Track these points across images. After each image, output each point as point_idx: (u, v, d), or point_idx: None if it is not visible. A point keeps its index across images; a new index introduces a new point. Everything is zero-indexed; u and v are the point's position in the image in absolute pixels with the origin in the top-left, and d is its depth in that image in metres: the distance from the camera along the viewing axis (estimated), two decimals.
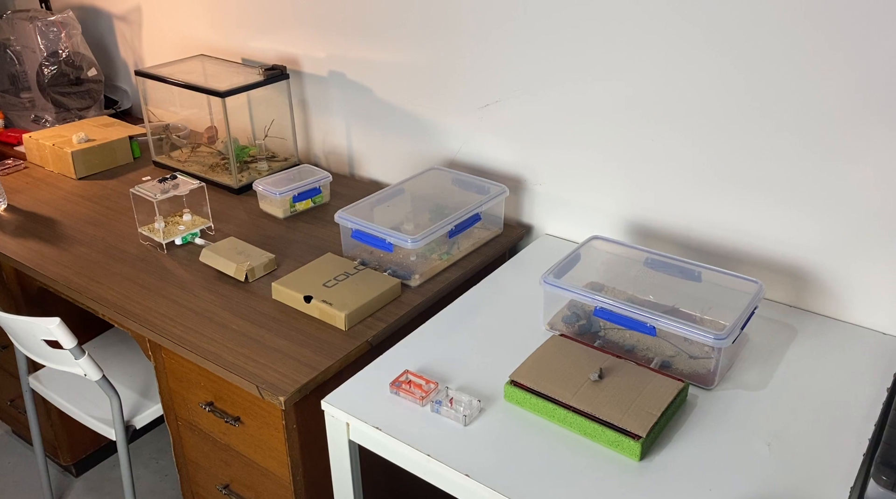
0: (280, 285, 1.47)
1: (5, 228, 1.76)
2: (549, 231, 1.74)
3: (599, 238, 1.44)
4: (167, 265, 1.60)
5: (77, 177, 2.00)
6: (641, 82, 1.47)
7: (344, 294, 1.43)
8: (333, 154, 2.08)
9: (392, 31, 1.79)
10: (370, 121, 1.95)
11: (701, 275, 1.34)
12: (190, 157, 2.10)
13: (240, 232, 1.74)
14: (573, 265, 1.39)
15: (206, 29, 2.18)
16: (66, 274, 1.57)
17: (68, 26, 2.23)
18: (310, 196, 1.84)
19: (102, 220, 1.79)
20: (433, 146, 1.86)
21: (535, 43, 1.58)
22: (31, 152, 2.10)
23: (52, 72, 2.20)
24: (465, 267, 1.58)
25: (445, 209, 1.65)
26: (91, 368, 1.51)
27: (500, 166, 1.76)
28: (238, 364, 1.30)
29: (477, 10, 1.63)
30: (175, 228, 1.70)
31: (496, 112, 1.70)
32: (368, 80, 1.90)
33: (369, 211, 1.63)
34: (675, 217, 1.53)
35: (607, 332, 1.32)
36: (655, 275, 1.38)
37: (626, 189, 1.58)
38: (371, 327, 1.39)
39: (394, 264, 1.54)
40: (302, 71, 2.02)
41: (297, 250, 1.66)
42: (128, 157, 2.10)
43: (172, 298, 1.49)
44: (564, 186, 1.67)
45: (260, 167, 2.02)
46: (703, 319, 1.34)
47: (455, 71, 1.73)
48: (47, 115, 2.26)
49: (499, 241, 1.69)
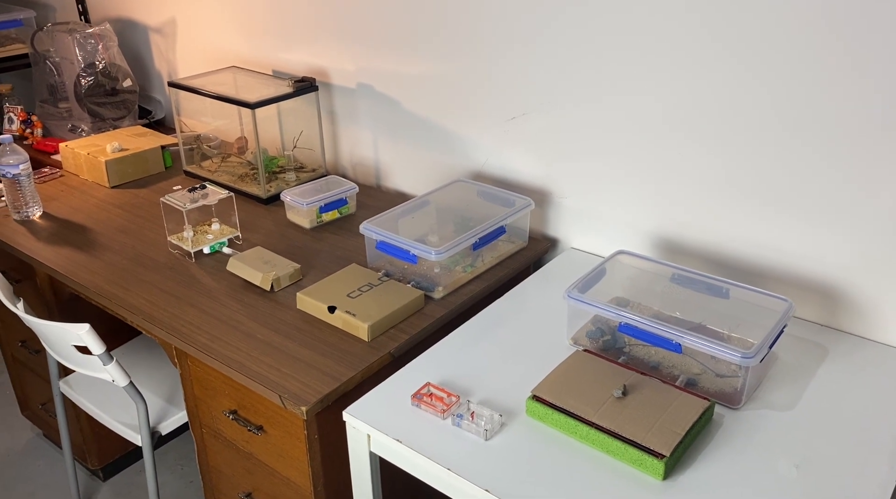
0: (305, 295, 1.48)
1: (40, 234, 1.80)
2: (575, 245, 1.73)
3: (625, 253, 1.43)
4: (195, 274, 1.62)
5: (110, 185, 2.04)
6: (669, 96, 1.46)
7: (367, 305, 1.43)
8: (360, 165, 2.10)
9: (420, 45, 1.80)
10: (397, 132, 1.96)
11: (729, 292, 1.32)
12: (220, 167, 2.13)
13: (267, 242, 1.75)
14: (598, 280, 1.37)
15: (239, 41, 2.22)
16: (97, 281, 1.60)
17: (105, 38, 2.28)
18: (336, 207, 1.85)
19: (133, 228, 1.83)
20: (459, 158, 1.86)
21: (561, 56, 1.58)
22: (66, 161, 2.15)
23: (88, 83, 2.26)
24: (488, 280, 1.58)
25: (470, 221, 1.65)
26: (119, 375, 1.54)
27: (525, 179, 1.75)
28: (261, 373, 1.31)
29: (504, 24, 1.63)
30: (203, 236, 1.72)
31: (522, 125, 1.70)
32: (396, 93, 1.91)
33: (394, 222, 1.63)
34: (703, 232, 1.51)
35: (632, 348, 1.31)
36: (682, 291, 1.36)
37: (652, 204, 1.56)
38: (394, 339, 1.39)
39: (418, 276, 1.54)
40: (331, 83, 2.05)
41: (323, 261, 1.67)
42: (159, 166, 2.14)
43: (199, 306, 1.51)
44: (590, 199, 1.66)
45: (288, 178, 2.04)
46: (730, 336, 1.32)
47: (482, 84, 1.73)
48: (83, 125, 2.31)
49: (523, 254, 1.68)
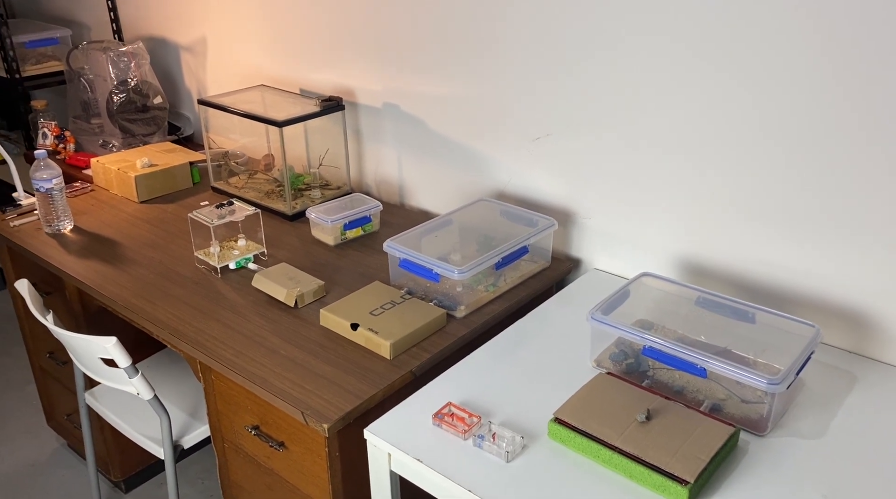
0: (328, 312, 1.49)
1: (70, 248, 1.83)
2: (598, 266, 1.72)
3: (649, 275, 1.42)
4: (220, 289, 1.64)
5: (139, 200, 2.08)
6: (693, 118, 1.45)
7: (390, 323, 1.44)
8: (384, 183, 2.11)
9: (446, 66, 1.82)
10: (421, 151, 1.98)
11: (755, 316, 1.30)
12: (247, 183, 2.16)
13: (292, 258, 1.77)
14: (622, 302, 1.37)
15: (268, 60, 2.25)
16: (125, 295, 1.63)
17: (138, 56, 2.33)
18: (360, 224, 1.86)
19: (161, 242, 1.85)
20: (482, 177, 1.87)
21: (586, 78, 1.58)
22: (97, 176, 2.19)
23: (120, 99, 2.31)
24: (511, 300, 1.58)
25: (493, 241, 1.66)
26: (144, 388, 1.56)
27: (548, 199, 1.75)
28: (284, 389, 1.31)
29: (529, 46, 1.64)
30: (230, 252, 1.74)
31: (546, 145, 1.70)
32: (421, 112, 1.93)
33: (417, 241, 1.64)
34: (728, 255, 1.50)
35: (656, 372, 1.30)
36: (707, 315, 1.35)
37: (677, 225, 1.55)
38: (415, 357, 1.39)
39: (440, 295, 1.54)
40: (357, 102, 2.07)
41: (346, 277, 1.68)
42: (188, 182, 2.18)
43: (224, 321, 1.52)
44: (614, 220, 1.65)
45: (313, 195, 2.06)
46: (756, 362, 1.30)
47: (506, 104, 1.74)
48: (114, 141, 2.36)
49: (546, 274, 1.68)
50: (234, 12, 2.28)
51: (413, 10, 1.83)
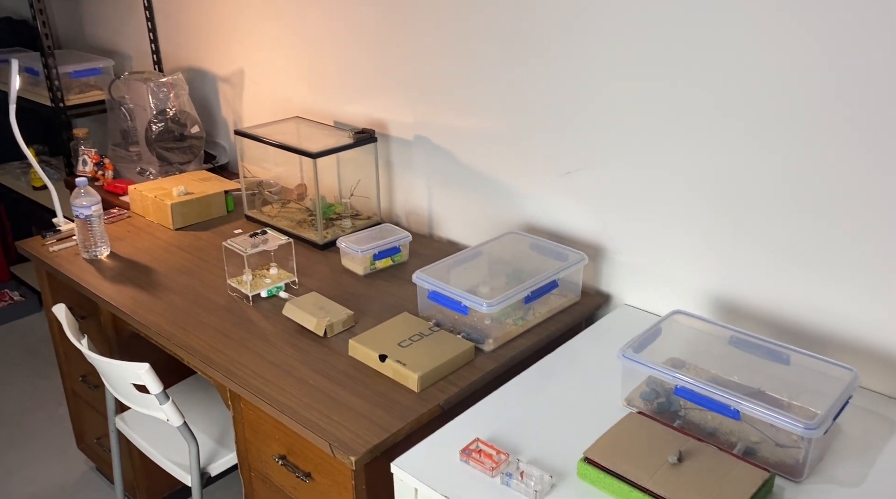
0: (357, 343, 1.49)
1: (106, 273, 1.87)
2: (629, 301, 1.71)
3: (682, 312, 1.40)
4: (252, 317, 1.66)
5: (174, 227, 2.12)
6: (730, 155, 1.45)
7: (418, 355, 1.44)
8: (414, 214, 2.13)
9: (477, 100, 1.84)
10: (451, 183, 1.99)
11: (790, 358, 1.28)
12: (280, 212, 2.19)
13: (322, 287, 1.78)
14: (653, 339, 1.35)
15: (303, 93, 2.30)
16: (158, 321, 1.65)
17: (177, 87, 2.39)
18: (389, 255, 1.88)
19: (194, 270, 1.88)
20: (512, 210, 1.87)
21: (618, 113, 1.59)
22: (134, 203, 2.24)
23: (159, 128, 2.36)
24: (540, 334, 1.57)
25: (522, 274, 1.65)
26: (174, 414, 1.57)
27: (579, 233, 1.75)
28: (312, 420, 1.32)
29: (562, 82, 1.66)
30: (262, 280, 1.76)
31: (578, 179, 1.71)
32: (452, 145, 1.95)
33: (446, 272, 1.64)
34: (763, 294, 1.48)
35: (688, 412, 1.28)
36: (740, 355, 1.33)
37: (710, 263, 1.54)
38: (443, 391, 1.39)
39: (468, 327, 1.54)
40: (389, 134, 2.10)
41: (375, 308, 1.69)
42: (222, 210, 2.21)
43: (255, 349, 1.54)
44: (646, 256, 1.64)
45: (344, 225, 2.08)
46: (791, 405, 1.27)
47: (538, 138, 1.75)
48: (151, 168, 2.41)
49: (576, 309, 1.67)
50: (271, 46, 2.34)
51: (445, 46, 1.86)
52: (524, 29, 1.68)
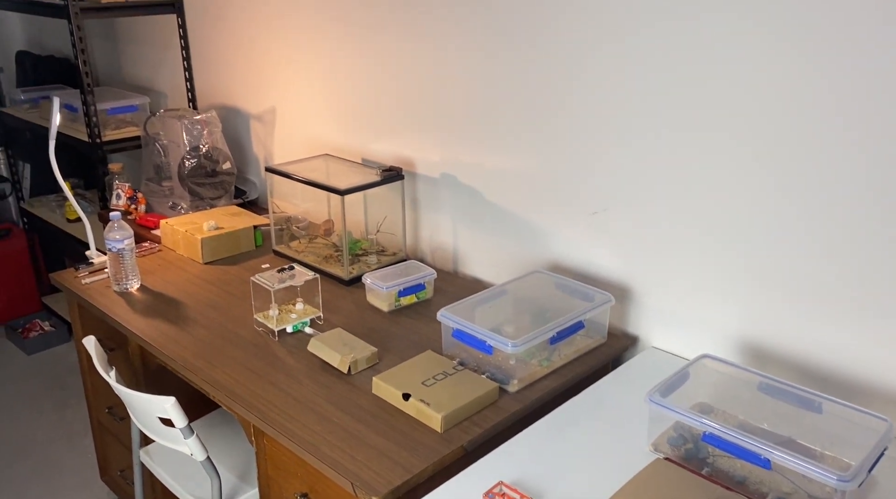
0: (380, 380, 1.49)
1: (136, 306, 1.90)
2: (656, 344, 1.69)
3: (710, 357, 1.38)
4: (277, 352, 1.67)
5: (203, 261, 2.15)
6: (758, 196, 1.44)
7: (441, 395, 1.43)
8: (439, 250, 2.14)
9: (504, 139, 1.86)
10: (477, 221, 2.00)
11: (821, 406, 1.25)
12: (307, 247, 2.21)
13: (346, 323, 1.79)
14: (681, 384, 1.33)
15: (332, 131, 2.34)
16: (185, 354, 1.67)
17: (210, 124, 2.45)
18: (414, 291, 1.88)
19: (222, 304, 1.91)
20: (538, 249, 1.87)
21: (646, 154, 1.59)
22: (165, 236, 2.28)
23: (192, 164, 2.42)
24: (565, 376, 1.55)
25: (547, 314, 1.65)
26: (198, 449, 1.57)
27: (605, 273, 1.74)
28: (335, 458, 1.31)
29: (589, 121, 1.67)
30: (287, 316, 1.77)
31: (605, 219, 1.71)
32: (478, 183, 1.96)
33: (471, 311, 1.64)
34: (793, 339, 1.45)
35: (716, 459, 1.25)
36: (770, 401, 1.30)
37: (739, 306, 1.52)
38: (467, 432, 1.38)
39: (493, 367, 1.53)
40: (416, 172, 2.12)
41: (399, 345, 1.69)
42: (251, 245, 2.24)
43: (279, 384, 1.54)
44: (673, 298, 1.63)
45: (370, 261, 2.10)
46: (823, 455, 1.24)
47: (564, 178, 1.76)
48: (183, 203, 2.46)
49: (602, 350, 1.65)
50: (303, 85, 2.39)
51: (472, 85, 1.88)
52: (552, 69, 1.70)
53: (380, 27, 2.07)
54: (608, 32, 1.58)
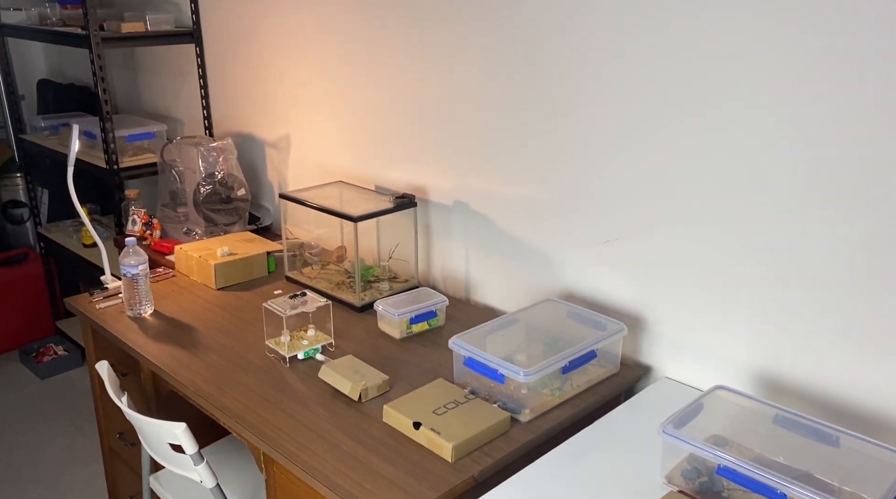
0: (391, 409, 1.48)
1: (149, 331, 1.91)
2: (669, 374, 1.67)
3: (724, 388, 1.37)
4: (288, 379, 1.67)
5: (216, 287, 2.16)
6: (777, 227, 1.43)
7: (453, 424, 1.42)
8: (451, 278, 2.14)
9: (517, 167, 1.87)
10: (489, 248, 2.00)
11: (839, 440, 1.23)
12: (319, 274, 2.22)
13: (358, 350, 1.79)
14: (695, 415, 1.31)
15: (346, 158, 2.36)
16: (196, 381, 1.67)
17: (226, 151, 2.48)
18: (426, 319, 1.88)
19: (234, 330, 1.91)
20: (550, 277, 1.87)
21: (659, 183, 1.59)
22: (179, 262, 2.30)
23: (207, 190, 2.44)
24: (577, 406, 1.54)
25: (560, 342, 1.64)
26: (207, 476, 1.57)
27: (618, 302, 1.73)
28: (345, 487, 1.30)
29: (601, 149, 1.67)
30: (299, 342, 1.78)
31: (617, 248, 1.70)
32: (490, 211, 1.97)
33: (483, 339, 1.64)
34: (809, 371, 1.43)
35: (731, 493, 1.23)
36: (786, 434, 1.28)
37: (755, 336, 1.50)
38: (478, 462, 1.36)
39: (504, 396, 1.52)
40: (429, 199, 2.13)
41: (411, 373, 1.68)
42: (263, 271, 2.26)
43: (289, 411, 1.54)
44: (687, 327, 1.61)
45: (382, 287, 2.10)
46: (842, 490, 1.21)
47: (576, 206, 1.76)
48: (197, 229, 2.48)
49: (615, 380, 1.64)
50: (317, 113, 2.42)
51: (484, 113, 1.90)
52: (564, 97, 1.72)
53: (392, 56, 2.10)
54: (621, 59, 1.59)
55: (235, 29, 2.65)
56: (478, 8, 1.83)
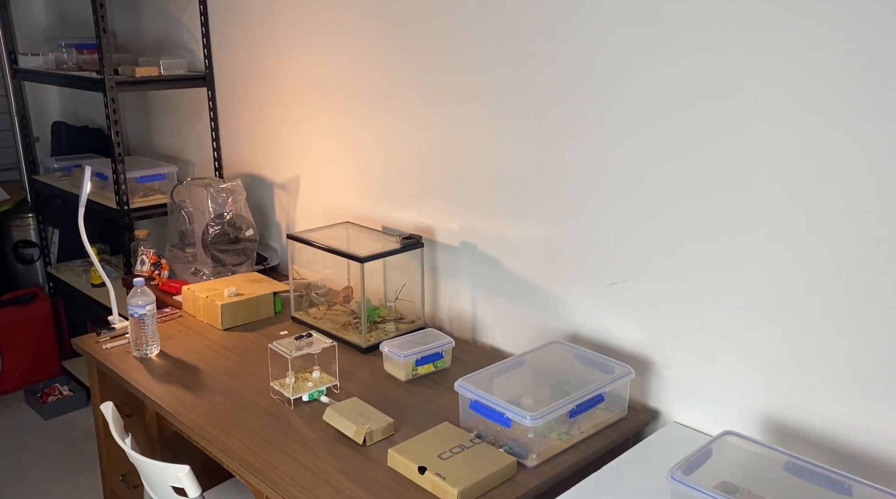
0: (396, 453, 1.47)
1: (154, 372, 1.90)
2: (678, 419, 1.65)
3: (734, 434, 1.35)
4: (292, 421, 1.65)
5: (223, 328, 2.16)
6: (786, 270, 1.43)
7: (458, 468, 1.40)
8: (457, 319, 2.13)
9: (524, 209, 1.88)
10: (495, 290, 2.00)
11: (851, 488, 1.20)
12: (325, 314, 2.22)
13: (363, 392, 1.78)
14: (704, 461, 1.29)
15: (354, 199, 2.39)
16: (200, 422, 1.66)
17: (235, 192, 2.51)
18: (432, 360, 1.87)
19: (239, 371, 1.90)
20: (556, 319, 1.86)
21: (668, 224, 1.60)
22: (186, 302, 2.31)
23: (215, 231, 2.46)
24: (585, 450, 1.52)
25: (567, 386, 1.62)
26: None
27: (625, 345, 1.72)
28: None
29: (606, 192, 1.68)
30: (304, 384, 1.77)
31: (624, 290, 1.70)
32: (497, 252, 1.98)
33: (489, 382, 1.62)
34: (821, 418, 1.41)
35: None
36: (797, 482, 1.26)
37: (764, 381, 1.49)
38: None
39: (510, 440, 1.50)
40: (436, 240, 2.14)
41: (416, 416, 1.67)
42: (270, 311, 2.26)
43: (293, 455, 1.52)
44: (695, 371, 1.60)
45: (388, 328, 2.10)
46: None
47: (582, 248, 1.76)
48: (205, 269, 2.50)
49: (622, 425, 1.62)
50: (325, 155, 2.46)
51: (490, 155, 1.92)
52: (569, 138, 1.73)
53: (398, 99, 2.14)
54: (627, 100, 1.61)
55: (246, 73, 2.71)
56: (487, 52, 1.87)
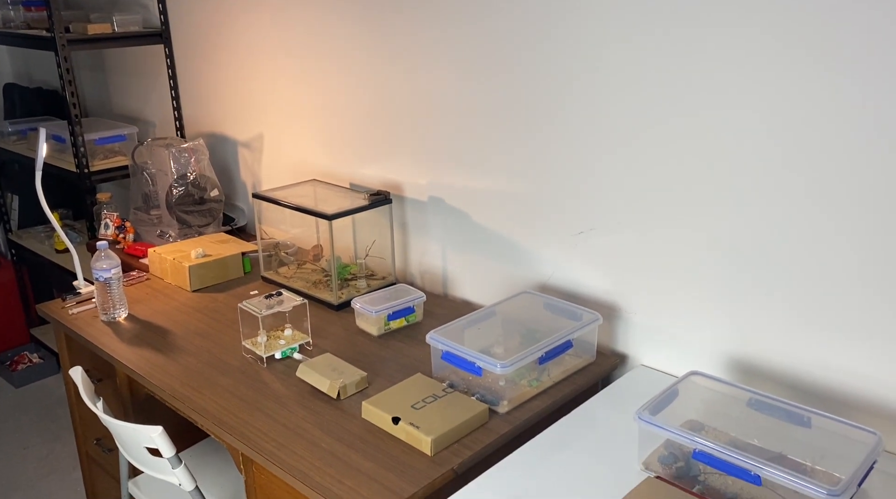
0: (370, 405, 1.48)
1: (123, 336, 1.89)
2: (645, 362, 1.69)
3: (699, 374, 1.38)
4: (265, 379, 1.66)
5: (191, 289, 2.14)
6: (746, 213, 1.45)
7: (431, 418, 1.42)
8: (428, 274, 2.14)
9: (490, 162, 1.87)
10: (465, 243, 2.01)
11: (811, 420, 1.25)
12: (296, 273, 2.21)
13: (336, 348, 1.78)
14: (670, 401, 1.33)
15: (320, 156, 2.35)
16: (172, 383, 1.65)
17: (198, 152, 2.46)
18: (404, 315, 1.88)
19: (210, 331, 1.90)
20: (526, 270, 1.88)
21: (632, 172, 1.60)
22: (153, 265, 2.28)
23: (179, 192, 2.42)
24: (555, 396, 1.55)
25: (536, 334, 1.65)
26: (186, 479, 1.56)
27: (593, 293, 1.75)
28: (324, 485, 1.30)
29: (572, 142, 1.68)
30: (276, 342, 1.77)
31: (590, 239, 1.71)
32: (465, 206, 1.97)
33: (460, 333, 1.64)
34: (782, 355, 1.46)
35: (707, 477, 1.24)
36: (760, 417, 1.30)
37: (727, 322, 1.52)
38: (457, 454, 1.37)
39: (482, 389, 1.53)
40: (404, 195, 2.13)
41: (389, 369, 1.68)
42: (239, 271, 2.24)
43: (267, 412, 1.53)
44: (661, 315, 1.63)
45: (359, 285, 2.10)
46: (814, 469, 1.23)
47: (550, 198, 1.77)
48: (171, 231, 2.46)
49: (591, 370, 1.65)
50: (290, 111, 2.41)
51: (456, 108, 1.90)
52: (537, 92, 1.72)
53: (364, 53, 2.10)
54: (593, 47, 1.60)
55: (205, 29, 2.63)
56: (450, 3, 1.83)
